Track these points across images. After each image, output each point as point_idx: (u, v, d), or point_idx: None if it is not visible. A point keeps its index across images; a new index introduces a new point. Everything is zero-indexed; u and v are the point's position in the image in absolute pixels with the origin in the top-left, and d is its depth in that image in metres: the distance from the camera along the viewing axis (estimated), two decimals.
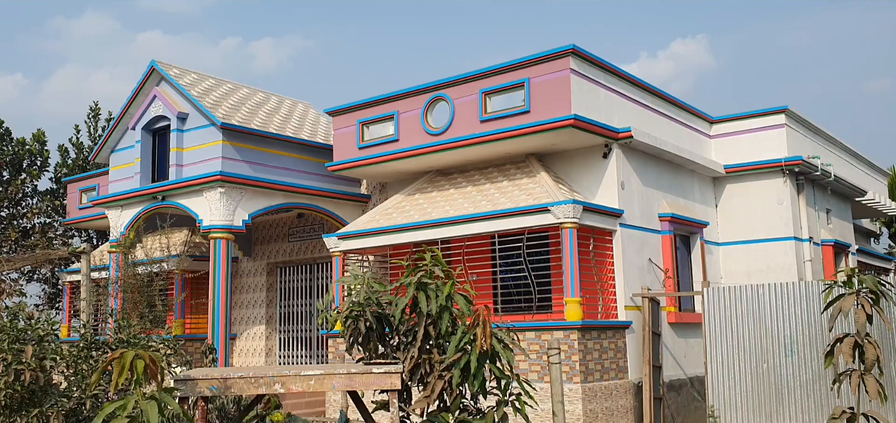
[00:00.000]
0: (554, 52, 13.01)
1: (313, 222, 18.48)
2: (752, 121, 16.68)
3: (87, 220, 21.09)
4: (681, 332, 14.62)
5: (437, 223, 13.64)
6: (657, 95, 15.41)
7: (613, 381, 12.71)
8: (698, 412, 14.23)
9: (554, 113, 12.91)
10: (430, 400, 6.59)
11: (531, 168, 14.18)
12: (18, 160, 25.42)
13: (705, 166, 15.90)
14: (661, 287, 14.27)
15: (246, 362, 19.33)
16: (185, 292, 19.10)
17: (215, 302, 15.30)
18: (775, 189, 16.02)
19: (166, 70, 16.78)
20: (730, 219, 16.56)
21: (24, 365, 7.86)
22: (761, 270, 15.85)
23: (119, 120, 17.64)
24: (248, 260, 19.94)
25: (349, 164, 15.70)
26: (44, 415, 7.97)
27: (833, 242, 17.07)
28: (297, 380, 6.64)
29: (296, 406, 15.63)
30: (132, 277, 16.05)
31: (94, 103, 28.76)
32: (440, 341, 6.82)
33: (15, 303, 9.82)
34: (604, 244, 13.40)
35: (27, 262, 19.68)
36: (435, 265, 6.92)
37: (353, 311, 7.05)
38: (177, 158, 16.04)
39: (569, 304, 12.20)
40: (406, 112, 14.91)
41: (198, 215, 15.65)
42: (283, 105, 19.34)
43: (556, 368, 8.54)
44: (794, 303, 11.27)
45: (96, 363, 8.82)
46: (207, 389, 6.51)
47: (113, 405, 5.18)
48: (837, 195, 18.53)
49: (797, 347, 11.16)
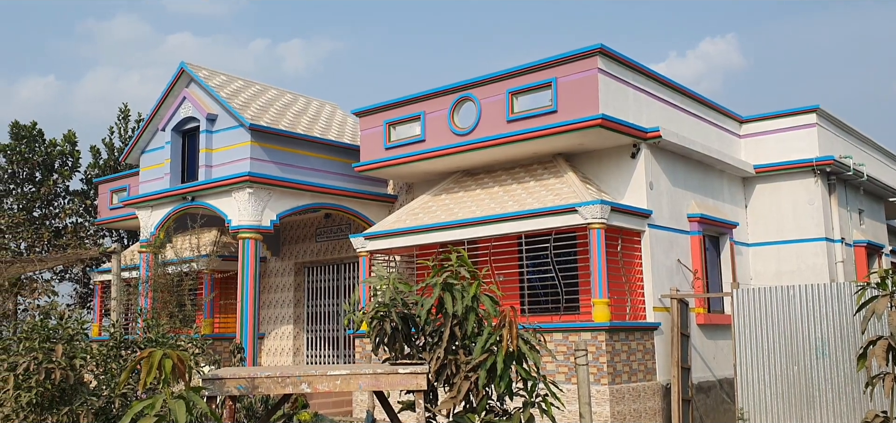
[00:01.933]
0: (581, 52, 12.93)
1: (340, 222, 18.55)
2: (783, 120, 16.48)
3: (117, 220, 21.35)
4: (710, 333, 14.48)
5: (463, 224, 13.62)
6: (686, 94, 15.27)
7: (641, 383, 12.61)
8: (727, 414, 14.08)
9: (581, 113, 12.84)
10: (457, 401, 6.57)
11: (558, 168, 14.11)
12: (51, 161, 25.80)
13: (735, 166, 15.73)
14: (689, 288, 14.14)
15: (274, 361, 19.44)
16: (214, 291, 19.26)
17: (244, 302, 15.41)
18: (806, 189, 15.82)
19: (196, 72, 16.93)
20: (760, 219, 16.37)
21: (54, 364, 7.96)
22: (792, 271, 15.66)
23: (149, 121, 17.83)
24: (276, 260, 20.06)
25: (376, 164, 15.74)
26: (73, 413, 8.07)
27: (866, 243, 16.83)
28: (324, 380, 6.65)
29: (323, 406, 15.69)
30: (162, 276, 16.21)
31: (125, 105, 29.11)
32: (466, 342, 6.81)
33: (47, 302, 9.95)
34: (632, 245, 13.31)
35: (59, 261, 19.95)
36: (461, 266, 6.91)
37: (379, 311, 7.06)
38: (206, 159, 16.18)
39: (596, 305, 12.12)
40: (433, 112, 14.91)
41: (227, 216, 15.78)
42: (311, 106, 19.43)
43: (583, 369, 8.49)
44: (826, 305, 11.11)
45: (125, 362, 8.91)
46: (235, 388, 6.54)
47: (141, 404, 5.23)
48: (870, 195, 18.25)
49: (828, 349, 11.00)
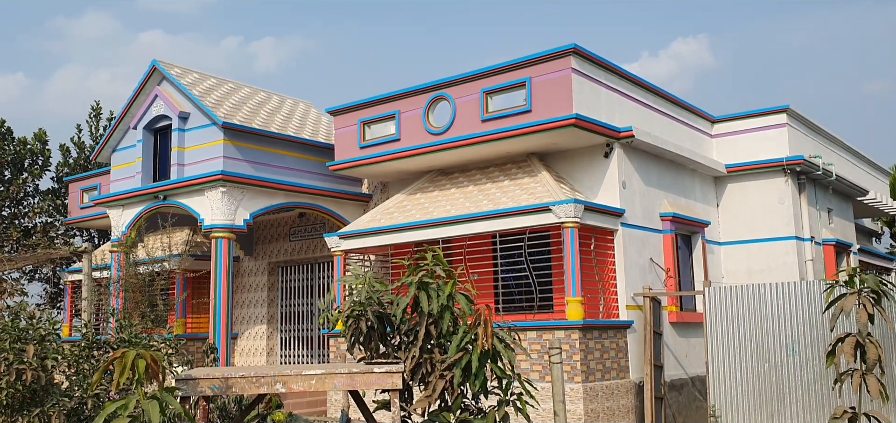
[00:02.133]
0: (555, 52, 13.00)
1: (314, 221, 18.48)
2: (754, 120, 16.67)
3: (88, 219, 21.11)
4: (682, 331, 14.61)
5: (438, 223, 13.63)
6: (658, 94, 15.40)
7: (615, 381, 12.70)
8: (700, 411, 14.22)
9: (555, 112, 12.91)
10: (432, 400, 6.59)
11: (533, 167, 14.17)
12: (20, 160, 25.44)
13: (707, 166, 15.89)
14: (662, 287, 14.26)
15: (247, 361, 19.33)
16: (187, 291, 19.11)
17: (216, 301, 15.31)
18: (777, 189, 16.01)
19: (168, 69, 16.79)
20: (731, 218, 16.54)
21: (25, 365, 7.85)
22: (763, 269, 15.84)
23: (120, 119, 17.65)
24: (250, 259, 19.94)
25: (350, 163, 15.70)
26: (45, 415, 7.97)
27: (834, 241, 17.06)
28: (299, 379, 6.64)
29: (297, 406, 15.63)
30: (134, 276, 16.03)
31: (96, 103, 28.74)
32: (441, 341, 6.82)
33: (16, 302, 9.83)
34: (605, 244, 13.40)
35: (29, 261, 19.69)
36: (436, 265, 6.92)
37: (354, 310, 7.05)
38: (178, 158, 16.05)
39: (570, 303, 12.19)
40: (407, 112, 14.91)
41: (199, 215, 15.66)
42: (285, 105, 19.34)
43: (557, 367, 8.53)
44: (796, 303, 11.27)
45: (98, 363, 8.81)
46: (209, 388, 6.51)
47: (114, 405, 5.18)
48: (839, 195, 18.51)
49: (799, 347, 11.15)
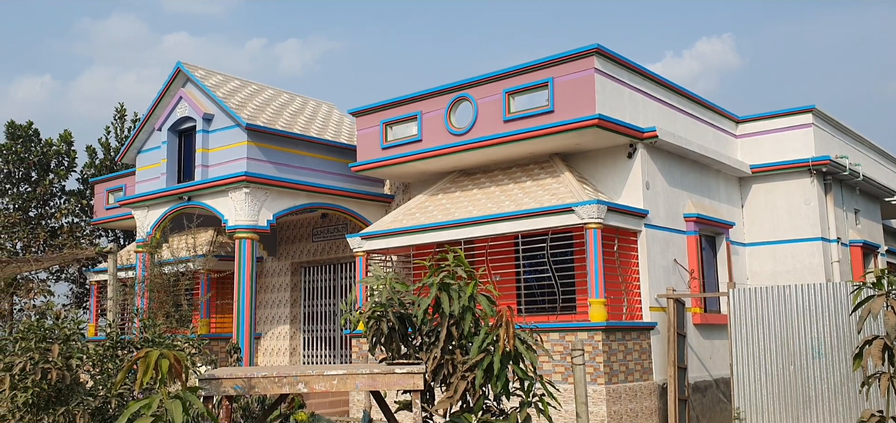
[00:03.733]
0: (578, 52, 12.94)
1: (337, 222, 18.54)
2: (779, 120, 16.51)
3: (114, 220, 21.31)
4: (706, 333, 14.49)
5: (460, 223, 13.62)
6: (682, 94, 15.29)
7: (638, 382, 12.63)
8: (724, 414, 14.10)
9: (578, 113, 12.85)
10: (453, 401, 6.57)
11: (555, 168, 14.12)
12: (46, 161, 25.73)
13: (731, 166, 15.75)
14: (686, 288, 14.15)
15: (270, 361, 19.42)
16: (211, 291, 19.24)
17: (240, 302, 15.39)
18: (802, 189, 15.84)
19: (192, 71, 16.91)
20: (756, 219, 16.39)
21: (50, 364, 7.94)
22: (788, 271, 15.68)
23: (145, 121, 17.80)
24: (273, 260, 20.04)
25: (372, 164, 15.73)
26: (70, 414, 8.05)
27: (861, 242, 16.85)
28: (321, 380, 6.64)
29: (319, 406, 15.68)
30: (158, 276, 16.17)
31: (121, 105, 28.97)
32: (463, 342, 6.80)
33: (43, 302, 9.94)
34: (628, 245, 13.32)
35: (55, 261, 19.90)
36: (458, 266, 6.90)
37: (375, 311, 7.05)
38: (202, 159, 16.16)
39: (593, 305, 12.13)
40: (429, 112, 14.91)
41: (223, 215, 15.76)
42: (308, 106, 19.42)
43: (579, 369, 8.49)
44: (822, 304, 11.13)
45: (122, 363, 8.89)
46: (232, 388, 6.53)
47: (138, 404, 5.21)
48: (866, 195, 18.28)
49: (824, 349, 11.02)
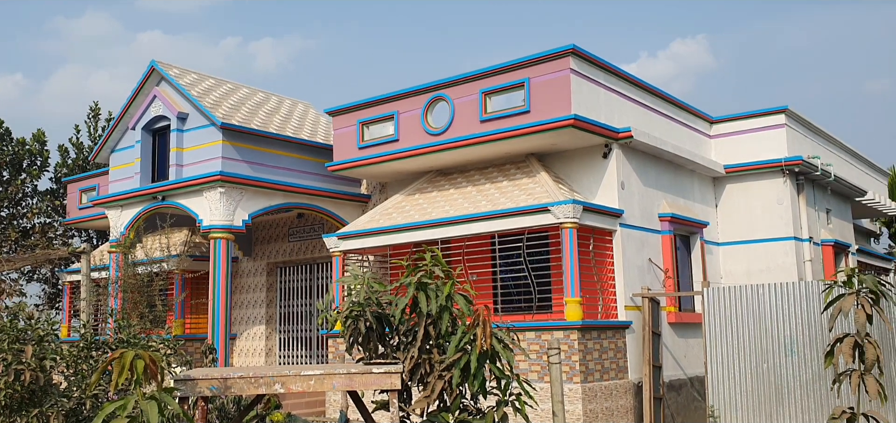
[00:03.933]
0: (554, 52, 13.01)
1: (313, 221, 18.48)
2: (752, 121, 16.68)
3: (87, 220, 21.09)
4: (681, 332, 14.62)
5: (437, 223, 13.63)
6: (657, 95, 15.41)
7: (613, 381, 12.71)
8: (698, 412, 14.23)
9: (554, 113, 12.91)
10: (430, 400, 6.59)
11: (531, 168, 14.17)
12: (18, 160, 25.40)
13: (705, 166, 15.89)
14: (661, 287, 14.26)
15: (246, 362, 19.32)
16: (185, 292, 19.10)
17: (215, 302, 15.30)
18: (775, 189, 16.02)
19: (166, 70, 16.78)
20: (730, 219, 16.55)
21: (24, 365, 7.86)
22: (761, 270, 15.85)
23: (119, 120, 17.64)
24: (248, 260, 19.94)
25: (349, 164, 15.70)
26: (44, 415, 7.97)
27: (833, 242, 17.07)
28: (297, 380, 6.63)
29: (296, 406, 15.63)
30: (132, 277, 16.04)
31: (94, 103, 28.71)
32: (440, 341, 6.82)
33: (15, 303, 9.82)
34: (604, 244, 13.40)
35: (27, 262, 19.68)
36: (435, 265, 6.91)
37: (353, 311, 7.04)
38: (177, 158, 16.04)
39: (569, 304, 12.20)
40: (406, 112, 14.91)
41: (198, 215, 15.65)
42: (283, 105, 19.34)
43: (555, 368, 8.53)
44: (794, 303, 11.27)
45: (96, 363, 8.82)
46: (207, 389, 6.50)
47: (113, 405, 5.17)
48: (837, 195, 18.52)
49: (797, 347, 11.16)
